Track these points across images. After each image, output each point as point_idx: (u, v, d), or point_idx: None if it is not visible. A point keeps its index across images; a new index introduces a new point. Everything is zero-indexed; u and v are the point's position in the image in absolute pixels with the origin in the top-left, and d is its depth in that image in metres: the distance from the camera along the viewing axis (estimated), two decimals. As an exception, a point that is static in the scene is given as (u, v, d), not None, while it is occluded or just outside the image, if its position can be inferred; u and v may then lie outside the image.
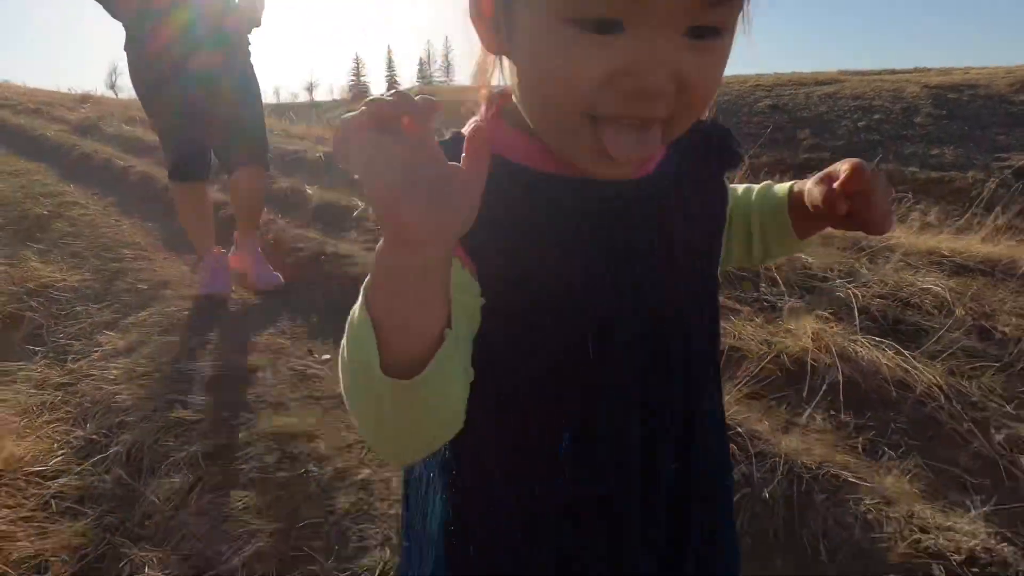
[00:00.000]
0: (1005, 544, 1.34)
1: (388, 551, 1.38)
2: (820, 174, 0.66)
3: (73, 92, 13.21)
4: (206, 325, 2.49)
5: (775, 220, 0.73)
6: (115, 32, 2.80)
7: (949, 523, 1.39)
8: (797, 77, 15.22)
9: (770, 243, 0.74)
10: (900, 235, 3.15)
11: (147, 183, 4.76)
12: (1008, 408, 1.95)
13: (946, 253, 2.96)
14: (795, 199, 0.71)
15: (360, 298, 0.45)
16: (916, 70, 16.26)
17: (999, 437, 1.84)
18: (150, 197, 4.52)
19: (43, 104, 9.92)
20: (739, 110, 13.08)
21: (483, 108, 0.59)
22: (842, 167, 0.63)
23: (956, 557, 1.28)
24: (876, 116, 12.83)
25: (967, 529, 1.37)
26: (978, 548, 1.30)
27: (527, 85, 0.52)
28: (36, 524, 1.50)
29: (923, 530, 1.36)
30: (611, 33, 0.45)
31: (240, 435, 1.78)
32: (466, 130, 0.56)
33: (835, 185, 0.62)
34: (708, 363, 0.64)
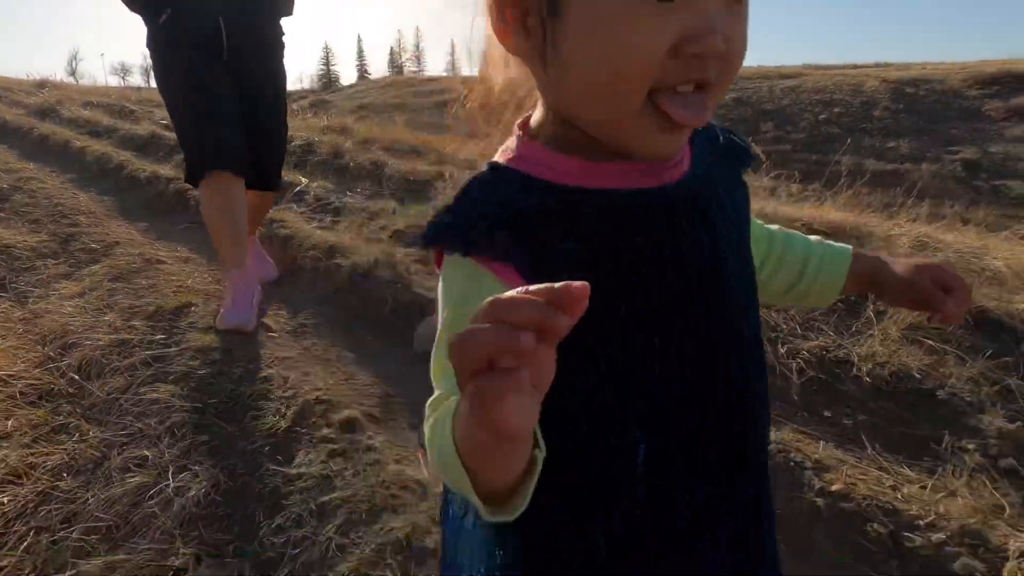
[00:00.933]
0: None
1: (281, 421, 1.81)
2: (918, 265, 0.71)
3: (31, 78, 13.21)
4: (152, 273, 2.88)
5: (832, 272, 0.74)
6: (73, 20, 3.00)
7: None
8: (762, 71, 15.35)
9: (812, 290, 0.75)
10: (764, 204, 3.65)
11: (103, 162, 5.07)
12: (798, 329, 2.45)
13: (800, 218, 3.46)
14: (856, 264, 0.74)
15: (448, 428, 0.43)
16: (877, 65, 16.73)
17: (783, 350, 2.34)
18: (106, 175, 4.85)
19: (1, 90, 10.03)
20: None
21: (513, 137, 0.59)
22: (955, 285, 0.69)
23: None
24: (836, 109, 13.21)
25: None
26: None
27: (585, 72, 0.51)
28: (2, 411, 1.90)
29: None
30: (668, 1, 0.47)
31: (171, 350, 2.19)
32: (499, 158, 0.58)
33: (951, 299, 0.68)
34: (761, 379, 0.61)
